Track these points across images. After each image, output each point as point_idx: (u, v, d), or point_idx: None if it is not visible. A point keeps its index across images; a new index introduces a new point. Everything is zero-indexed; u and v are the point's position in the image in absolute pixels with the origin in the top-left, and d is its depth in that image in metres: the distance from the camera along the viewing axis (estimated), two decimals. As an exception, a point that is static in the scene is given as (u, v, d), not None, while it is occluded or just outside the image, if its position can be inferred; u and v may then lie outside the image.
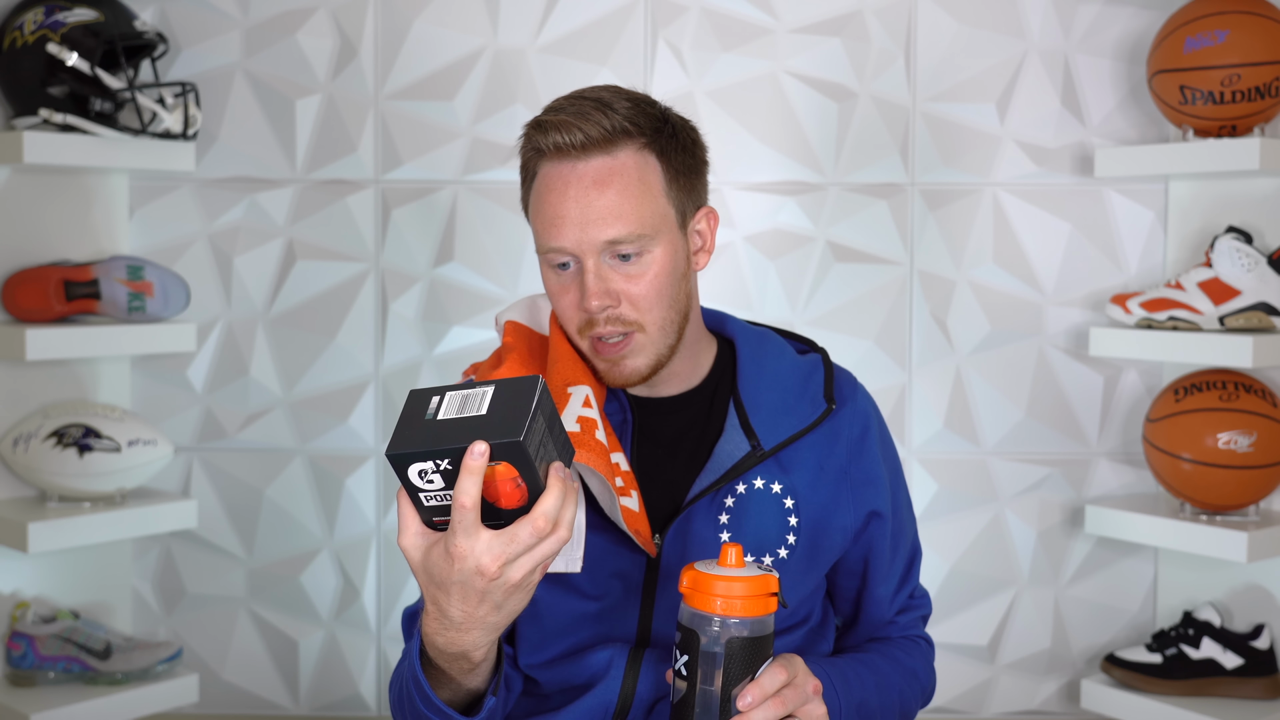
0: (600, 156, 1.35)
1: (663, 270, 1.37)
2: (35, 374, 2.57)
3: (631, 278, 1.36)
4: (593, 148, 1.34)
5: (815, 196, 2.71)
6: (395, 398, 2.74)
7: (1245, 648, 2.49)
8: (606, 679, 1.39)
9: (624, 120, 1.35)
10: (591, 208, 1.34)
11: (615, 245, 1.34)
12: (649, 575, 1.40)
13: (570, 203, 1.34)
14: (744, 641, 1.19)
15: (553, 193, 1.36)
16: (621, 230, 1.34)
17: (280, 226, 2.74)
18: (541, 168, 1.38)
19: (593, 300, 1.35)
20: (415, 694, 1.25)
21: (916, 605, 1.56)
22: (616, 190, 1.34)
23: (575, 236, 1.34)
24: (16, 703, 2.41)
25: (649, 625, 1.40)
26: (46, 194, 2.58)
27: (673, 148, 1.39)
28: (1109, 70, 2.69)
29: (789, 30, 2.70)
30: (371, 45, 2.72)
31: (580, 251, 1.35)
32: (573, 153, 1.35)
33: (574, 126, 1.34)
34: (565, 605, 1.41)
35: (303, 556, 2.77)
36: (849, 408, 1.48)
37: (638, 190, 1.35)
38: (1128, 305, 2.52)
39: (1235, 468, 2.42)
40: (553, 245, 1.36)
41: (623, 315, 1.37)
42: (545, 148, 1.36)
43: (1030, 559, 2.73)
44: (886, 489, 1.48)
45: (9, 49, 2.42)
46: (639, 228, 1.34)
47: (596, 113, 1.34)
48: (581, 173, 1.35)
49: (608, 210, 1.34)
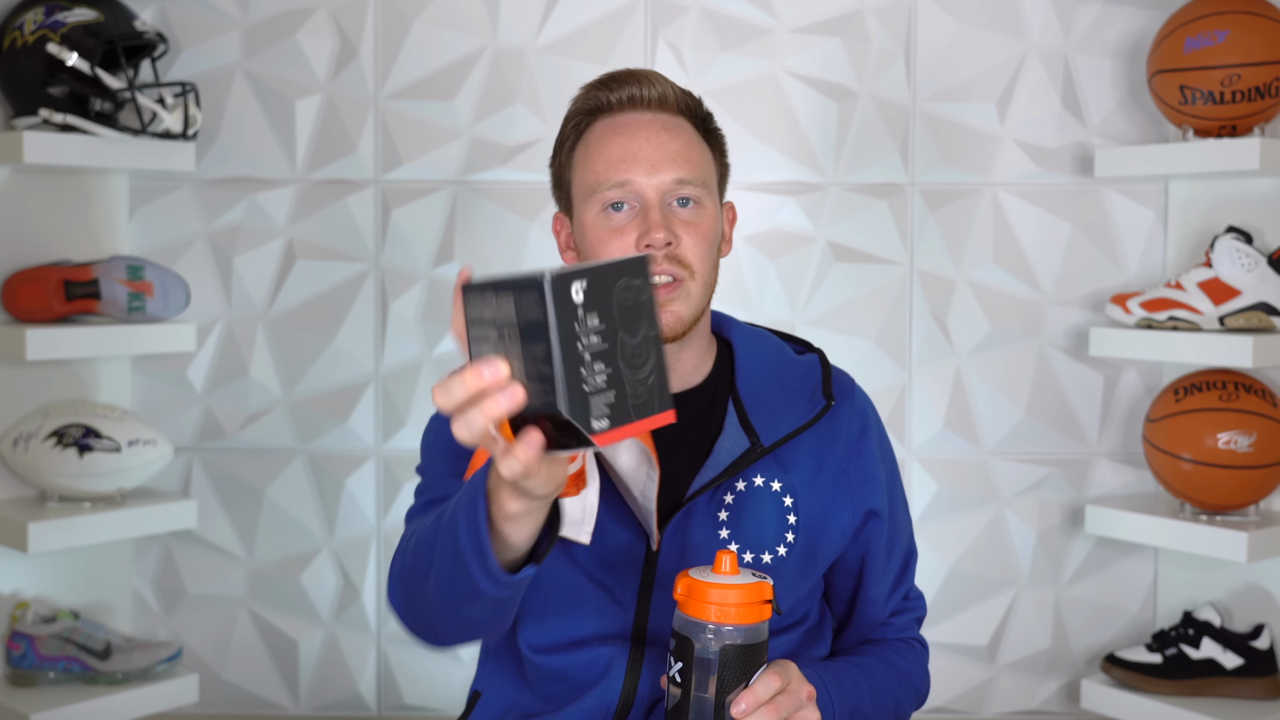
0: (666, 114, 1.43)
1: (713, 226, 1.43)
2: (35, 374, 2.57)
3: (689, 224, 1.41)
4: (661, 107, 1.43)
5: (815, 196, 2.71)
6: (395, 398, 2.74)
7: (1245, 648, 2.49)
8: (607, 679, 1.39)
9: (685, 99, 1.45)
10: (664, 147, 1.40)
11: (683, 185, 1.40)
12: (647, 570, 1.40)
13: (641, 142, 1.40)
14: (738, 649, 1.19)
15: (620, 135, 1.41)
16: (689, 172, 1.40)
17: (280, 226, 2.75)
18: (599, 121, 1.43)
19: (658, 231, 1.38)
20: (464, 520, 1.16)
21: (911, 607, 1.56)
22: (683, 139, 1.42)
23: (646, 172, 1.39)
24: (16, 703, 2.41)
25: (645, 621, 1.40)
26: (46, 194, 2.58)
27: (714, 142, 1.49)
28: (1109, 70, 2.69)
29: (789, 30, 2.70)
30: (371, 45, 2.72)
31: (646, 189, 1.39)
32: (643, 105, 1.42)
33: (650, 83, 1.43)
34: (568, 577, 1.40)
35: (303, 556, 2.77)
36: (847, 406, 1.49)
37: (697, 147, 1.43)
38: (1128, 305, 2.52)
39: (1235, 468, 2.42)
40: (619, 179, 1.40)
41: (681, 255, 1.40)
42: (613, 102, 1.43)
43: (1030, 559, 2.73)
44: (884, 488, 1.49)
45: (9, 49, 2.42)
46: (700, 174, 1.41)
47: (664, 83, 1.44)
48: (652, 121, 1.42)
49: (678, 152, 1.40)
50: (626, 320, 1.02)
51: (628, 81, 1.43)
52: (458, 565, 1.17)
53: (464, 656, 2.76)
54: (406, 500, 2.74)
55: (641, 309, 1.02)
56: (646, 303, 1.03)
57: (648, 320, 1.03)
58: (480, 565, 1.14)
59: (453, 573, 1.18)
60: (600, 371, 1.00)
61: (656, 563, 1.40)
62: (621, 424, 1.01)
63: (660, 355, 1.04)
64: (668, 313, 1.40)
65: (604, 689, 1.39)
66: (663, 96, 1.42)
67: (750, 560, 1.41)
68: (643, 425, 1.03)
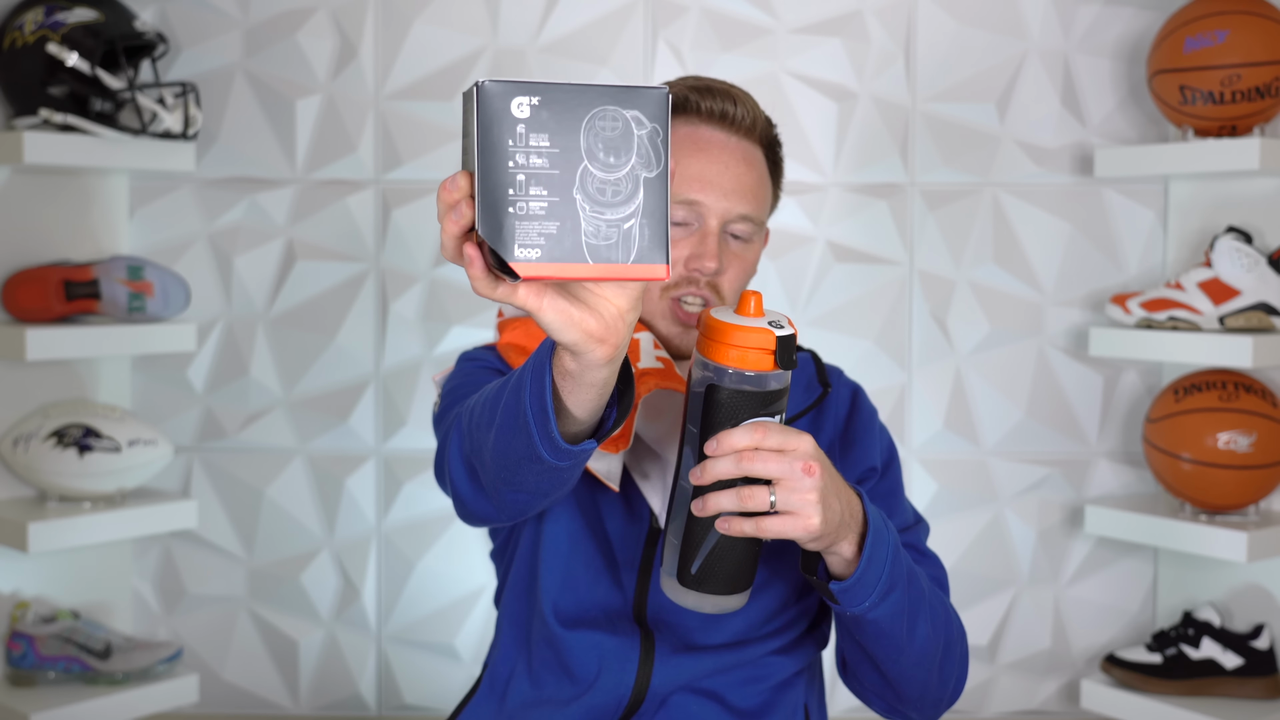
0: (749, 143, 1.45)
1: (756, 260, 1.48)
2: (35, 374, 2.57)
3: (736, 257, 1.45)
4: (748, 133, 1.45)
5: (815, 196, 2.71)
6: (395, 398, 2.75)
7: (1245, 648, 2.49)
8: (619, 671, 1.40)
9: (767, 129, 1.48)
10: (741, 180, 1.42)
11: (745, 220, 1.43)
12: (648, 551, 1.41)
13: (722, 167, 1.42)
14: (729, 393, 1.13)
15: (704, 154, 1.42)
16: (755, 209, 1.44)
17: (280, 226, 2.75)
18: (680, 123, 1.44)
19: (711, 261, 1.40)
20: (530, 380, 1.10)
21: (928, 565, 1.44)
22: (758, 175, 1.45)
23: (718, 198, 1.41)
24: (16, 703, 2.41)
25: (644, 600, 1.41)
26: (46, 194, 2.58)
27: (776, 171, 1.51)
28: (1109, 70, 2.69)
29: (789, 30, 2.70)
30: (371, 45, 2.72)
31: (712, 215, 1.41)
32: (731, 126, 1.44)
33: (744, 105, 1.44)
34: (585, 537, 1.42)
35: (303, 556, 2.77)
36: (837, 391, 1.53)
37: (766, 185, 1.47)
38: (1128, 305, 2.52)
39: (1235, 468, 2.42)
40: (691, 197, 1.41)
41: (720, 285, 1.43)
42: (703, 109, 1.43)
43: (1030, 559, 2.73)
44: (878, 445, 1.49)
45: (9, 49, 2.42)
46: (762, 214, 1.46)
47: (755, 109, 1.46)
48: (735, 147, 1.44)
49: (751, 188, 1.43)
50: (604, 150, 0.92)
51: (723, 96, 1.43)
52: (519, 426, 1.10)
53: (464, 656, 2.76)
54: (407, 500, 2.75)
55: (634, 144, 0.92)
56: (645, 139, 0.93)
57: (643, 158, 0.93)
58: (541, 429, 1.08)
59: (514, 432, 1.11)
60: (538, 197, 0.91)
61: (655, 545, 1.41)
62: (562, 260, 0.91)
63: (656, 201, 0.93)
64: (693, 335, 1.43)
65: (616, 680, 1.40)
66: (753, 124, 1.44)
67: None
68: (603, 270, 0.92)
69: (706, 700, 1.40)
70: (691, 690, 1.41)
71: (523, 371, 1.11)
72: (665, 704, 1.40)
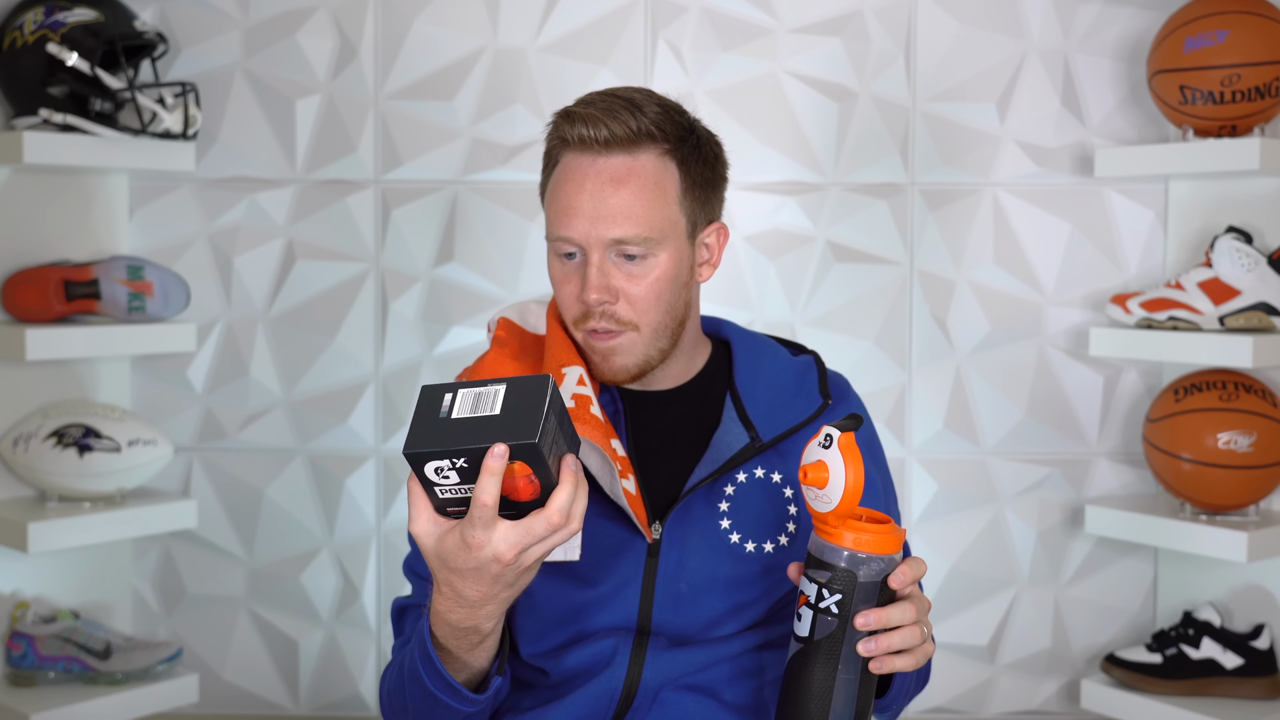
0: (621, 155, 1.38)
1: (664, 276, 1.40)
2: (35, 374, 2.57)
3: (633, 278, 1.39)
4: (615, 146, 1.38)
5: (815, 196, 2.71)
6: (395, 398, 2.74)
7: (1245, 648, 2.49)
8: (611, 666, 1.40)
9: (650, 124, 1.39)
10: (605, 204, 1.37)
11: (621, 244, 1.38)
12: (649, 562, 1.41)
13: (585, 195, 1.38)
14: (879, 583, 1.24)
15: (569, 183, 1.39)
16: (629, 231, 1.37)
17: (280, 226, 2.75)
18: (564, 157, 1.41)
19: (591, 294, 1.38)
20: (424, 672, 1.29)
21: None
22: (631, 191, 1.38)
23: (584, 229, 1.37)
24: (16, 703, 2.41)
25: (649, 613, 1.41)
26: (46, 194, 2.58)
27: (694, 158, 1.42)
28: (1109, 70, 2.69)
29: (789, 30, 2.70)
30: (371, 45, 2.72)
31: (587, 244, 1.38)
32: (595, 147, 1.38)
33: (601, 122, 1.37)
34: (563, 595, 1.42)
35: (303, 556, 2.77)
36: (843, 405, 1.52)
37: (652, 194, 1.38)
38: (1128, 305, 2.52)
39: (1235, 468, 2.42)
40: (561, 234, 1.39)
41: (618, 314, 1.40)
42: (570, 138, 1.39)
43: (1030, 559, 2.73)
44: (873, 467, 1.50)
45: (9, 49, 2.42)
46: (647, 230, 1.38)
47: (625, 112, 1.38)
48: (600, 168, 1.38)
49: (619, 209, 1.37)
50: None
51: (581, 119, 1.38)
52: (432, 702, 1.31)
53: (464, 656, 2.75)
54: (406, 500, 2.74)
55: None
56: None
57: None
58: (453, 698, 1.29)
59: (430, 707, 1.32)
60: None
61: (659, 554, 1.41)
62: None
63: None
64: (612, 363, 1.42)
65: (608, 676, 1.40)
66: (612, 136, 1.37)
67: (752, 550, 1.42)
68: None
69: (701, 696, 1.41)
70: (685, 686, 1.41)
71: (414, 664, 1.31)
72: (658, 699, 1.40)
